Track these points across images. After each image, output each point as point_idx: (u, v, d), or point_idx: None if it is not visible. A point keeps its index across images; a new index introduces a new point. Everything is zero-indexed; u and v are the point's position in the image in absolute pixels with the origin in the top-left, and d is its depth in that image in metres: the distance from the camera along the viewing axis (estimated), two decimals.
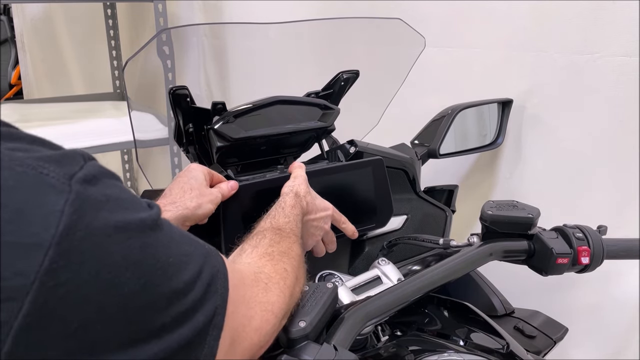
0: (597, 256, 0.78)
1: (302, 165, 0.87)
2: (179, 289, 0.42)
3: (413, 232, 1.02)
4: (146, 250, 0.40)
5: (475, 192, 1.38)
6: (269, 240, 0.65)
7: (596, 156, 1.13)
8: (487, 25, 1.25)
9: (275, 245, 0.64)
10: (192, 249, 0.46)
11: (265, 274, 0.57)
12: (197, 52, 2.10)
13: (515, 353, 0.74)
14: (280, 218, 0.72)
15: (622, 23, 1.02)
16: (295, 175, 0.84)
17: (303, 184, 0.81)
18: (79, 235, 0.36)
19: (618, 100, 1.07)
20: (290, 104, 0.92)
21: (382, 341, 0.79)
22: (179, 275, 0.43)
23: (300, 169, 0.86)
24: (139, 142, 1.01)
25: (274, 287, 0.56)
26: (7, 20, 3.30)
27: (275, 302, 0.55)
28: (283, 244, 0.65)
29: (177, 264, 0.43)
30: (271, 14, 1.41)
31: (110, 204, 0.39)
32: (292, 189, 0.80)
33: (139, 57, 0.91)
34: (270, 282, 0.56)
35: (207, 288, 0.45)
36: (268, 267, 0.59)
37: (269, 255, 0.61)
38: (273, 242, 0.64)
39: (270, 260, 0.61)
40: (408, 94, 1.16)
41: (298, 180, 0.82)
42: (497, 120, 1.26)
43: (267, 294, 0.54)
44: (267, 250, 0.62)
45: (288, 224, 0.71)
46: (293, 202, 0.77)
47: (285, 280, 0.58)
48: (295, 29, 1.16)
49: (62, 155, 0.40)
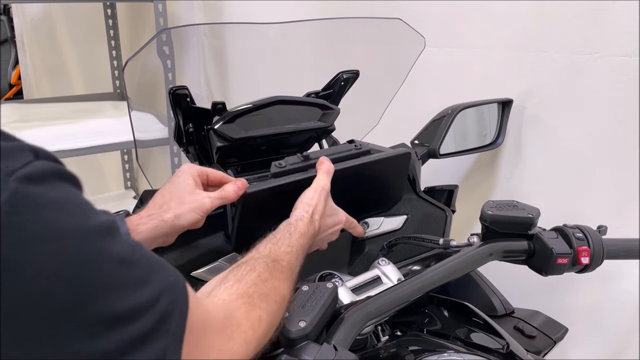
0: (597, 256, 0.78)
1: (330, 168, 0.81)
2: (121, 314, 0.38)
3: (413, 232, 1.02)
4: (86, 265, 0.36)
5: (475, 192, 1.38)
6: (256, 277, 0.59)
7: (596, 156, 1.13)
8: (487, 25, 1.25)
9: (260, 285, 0.58)
10: (149, 274, 0.41)
11: (235, 320, 0.52)
12: (197, 52, 2.10)
13: (515, 353, 0.74)
14: (283, 247, 0.67)
15: (622, 23, 1.02)
16: (318, 184, 0.78)
17: (322, 201, 0.76)
18: (9, 237, 0.32)
19: (618, 100, 1.07)
20: (290, 104, 0.92)
21: (382, 341, 0.80)
22: (124, 299, 0.38)
23: (327, 175, 0.79)
24: (139, 142, 1.01)
25: (240, 336, 0.51)
26: (7, 20, 3.29)
27: (237, 352, 0.50)
28: (270, 284, 0.59)
29: (123, 286, 0.39)
30: (271, 14, 1.41)
31: (52, 207, 0.36)
32: (308, 209, 0.74)
33: (139, 57, 0.91)
34: (237, 331, 0.51)
35: (158, 324, 0.40)
36: (242, 311, 0.54)
37: (248, 297, 0.55)
38: (259, 280, 0.59)
39: (247, 303, 0.55)
40: (408, 94, 1.16)
41: (318, 194, 0.77)
42: (497, 120, 1.26)
43: (229, 343, 0.50)
44: (249, 290, 0.57)
45: (288, 256, 0.66)
46: (305, 229, 0.72)
47: (255, 331, 0.53)
48: (295, 29, 1.16)
49: (11, 149, 0.36)
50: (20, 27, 2.92)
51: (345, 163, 0.85)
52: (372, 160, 0.87)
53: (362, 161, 0.86)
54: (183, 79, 2.06)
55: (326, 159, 0.82)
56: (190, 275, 0.83)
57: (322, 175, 0.79)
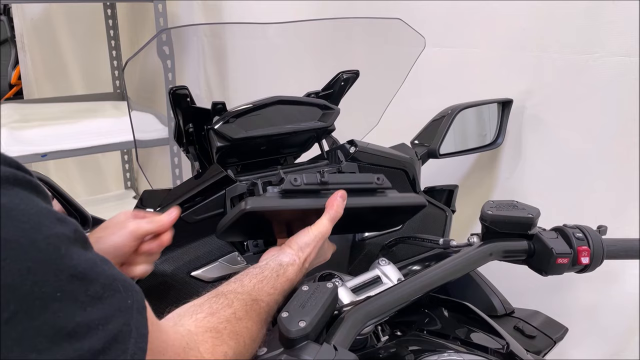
0: (597, 256, 0.78)
1: (338, 216, 0.75)
2: (68, 330, 0.37)
3: (413, 232, 1.02)
4: (28, 275, 0.35)
5: (475, 192, 1.38)
6: (231, 314, 0.58)
7: (596, 156, 1.13)
8: (487, 25, 1.25)
9: (233, 322, 0.57)
10: (105, 292, 0.40)
11: (198, 353, 0.51)
12: (197, 52, 2.10)
13: (515, 353, 0.74)
14: (267, 287, 0.65)
15: (622, 23, 1.02)
16: (319, 230, 0.74)
17: (316, 249, 0.74)
18: None
19: (618, 100, 1.07)
20: (290, 104, 0.92)
21: (382, 341, 0.80)
22: (71, 314, 0.37)
23: (331, 222, 0.74)
24: (139, 142, 1.01)
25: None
26: (7, 20, 3.29)
27: None
28: (243, 323, 0.58)
29: (71, 300, 0.37)
30: (271, 14, 1.41)
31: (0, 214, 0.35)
32: (302, 255, 0.72)
33: (139, 57, 0.91)
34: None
35: (111, 343, 0.39)
36: (207, 345, 0.53)
37: (218, 333, 0.55)
38: (233, 318, 0.58)
39: (215, 338, 0.54)
40: (408, 94, 1.16)
41: (316, 241, 0.73)
42: (497, 120, 1.26)
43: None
44: (219, 325, 0.56)
45: (269, 297, 0.65)
46: (293, 275, 0.70)
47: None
48: (295, 29, 1.16)
49: None
50: (21, 27, 2.92)
51: (362, 199, 0.80)
52: (388, 204, 0.83)
53: (378, 202, 0.82)
54: (183, 79, 2.06)
55: (340, 199, 0.75)
56: (191, 276, 0.83)
57: (326, 221, 0.74)
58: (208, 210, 0.83)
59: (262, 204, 0.74)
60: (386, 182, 0.82)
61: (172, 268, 0.82)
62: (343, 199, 0.75)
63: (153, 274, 0.81)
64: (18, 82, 3.36)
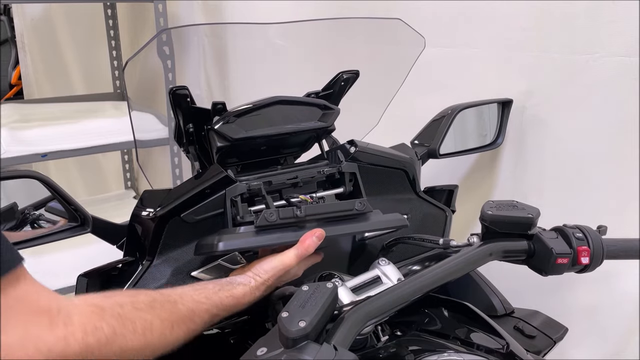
0: (597, 256, 0.78)
1: (306, 253, 0.77)
2: None
3: (413, 232, 1.02)
4: None
5: (475, 192, 1.38)
6: (128, 302, 0.61)
7: (596, 156, 1.13)
8: (487, 25, 1.25)
9: (127, 308, 0.59)
10: None
11: (67, 318, 0.52)
12: (197, 52, 2.10)
13: (515, 353, 0.74)
14: (197, 296, 0.69)
15: (622, 23, 1.02)
16: (283, 261, 0.76)
17: (276, 277, 0.76)
18: None
19: (618, 101, 1.07)
20: (290, 104, 0.92)
21: (382, 341, 0.79)
22: None
23: (297, 258, 0.76)
24: (139, 142, 1.01)
25: (63, 332, 0.51)
26: (7, 21, 3.29)
27: (51, 343, 0.50)
28: (142, 314, 0.61)
29: None
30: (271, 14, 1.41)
31: None
32: (258, 279, 0.75)
33: (139, 57, 0.91)
34: (62, 326, 0.51)
35: None
36: (82, 316, 0.54)
37: (101, 310, 0.56)
38: (129, 305, 0.60)
39: (95, 313, 0.56)
40: (408, 94, 1.16)
41: (278, 270, 0.76)
42: (496, 120, 1.27)
43: (45, 331, 0.50)
44: (107, 305, 0.58)
45: (195, 304, 0.68)
46: (240, 294, 0.73)
47: (85, 335, 0.53)
48: (295, 29, 1.16)
49: None
50: (21, 27, 2.92)
51: (342, 227, 0.81)
52: (367, 230, 0.87)
53: (357, 229, 0.84)
54: (183, 79, 2.06)
55: (315, 238, 0.77)
56: (191, 276, 0.83)
57: (293, 255, 0.76)
58: (208, 210, 0.83)
59: (234, 245, 0.77)
60: (367, 206, 0.83)
61: (172, 268, 0.82)
62: (319, 239, 0.77)
63: (152, 274, 0.81)
64: (18, 82, 3.36)
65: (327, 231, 0.79)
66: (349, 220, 0.82)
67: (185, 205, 0.82)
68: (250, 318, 0.87)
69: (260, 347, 0.60)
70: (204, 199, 0.83)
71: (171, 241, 0.82)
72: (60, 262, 1.67)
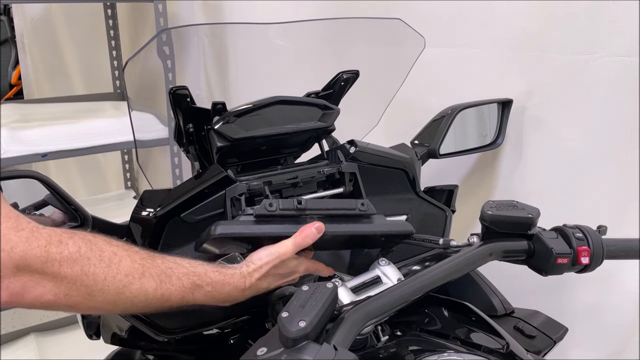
0: (597, 256, 0.78)
1: (303, 244, 0.75)
2: None
3: None
4: None
5: (475, 192, 1.38)
6: (126, 255, 0.61)
7: (596, 156, 1.13)
8: (487, 25, 1.25)
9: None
10: None
11: (35, 225, 0.54)
12: (197, 52, 2.10)
13: (515, 353, 0.74)
14: (186, 265, 0.68)
15: (622, 23, 1.02)
16: (279, 250, 0.75)
17: (270, 266, 0.74)
18: None
19: (618, 100, 1.07)
20: (291, 104, 0.92)
21: (382, 341, 0.80)
22: None
23: (295, 246, 0.75)
24: (139, 142, 1.01)
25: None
26: (7, 21, 3.29)
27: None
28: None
29: None
30: (271, 14, 1.41)
31: None
32: (251, 265, 0.74)
33: (139, 57, 0.91)
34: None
35: None
36: (54, 231, 0.56)
37: (33, 235, 0.55)
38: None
39: (68, 234, 0.57)
40: (408, 94, 1.16)
41: (272, 258, 0.74)
42: (497, 120, 1.27)
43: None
44: (95, 240, 0.60)
45: (176, 267, 0.66)
46: (229, 278, 0.71)
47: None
48: (295, 29, 1.16)
49: None
50: (21, 27, 2.92)
51: (343, 227, 0.80)
52: (370, 233, 0.82)
53: (360, 230, 0.81)
54: (183, 79, 2.07)
55: (314, 230, 0.75)
56: None
57: (290, 244, 0.75)
58: (208, 210, 0.83)
59: (231, 229, 0.75)
60: (370, 207, 0.81)
61: None
62: (318, 231, 0.75)
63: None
64: (18, 82, 3.36)
65: (328, 228, 0.77)
66: (351, 220, 0.81)
67: (185, 205, 0.82)
68: (250, 318, 0.87)
69: (260, 347, 0.60)
70: (204, 199, 0.83)
71: (171, 241, 0.82)
72: None
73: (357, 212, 0.80)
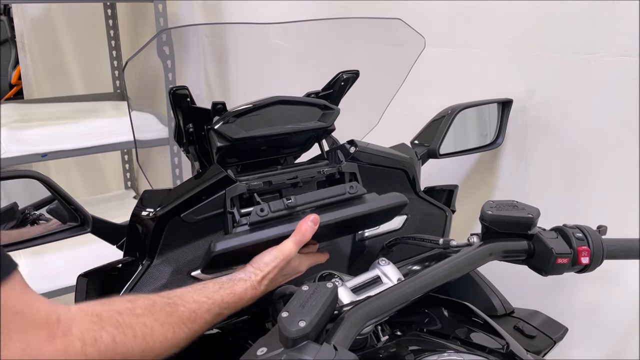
0: (597, 256, 0.78)
1: (304, 240, 0.77)
2: None
3: (413, 232, 1.02)
4: None
5: (475, 192, 1.38)
6: (127, 308, 0.60)
7: (596, 156, 1.13)
8: (487, 25, 1.25)
9: (125, 315, 0.59)
10: None
11: (66, 328, 0.53)
12: (197, 52, 2.10)
13: (515, 353, 0.74)
14: (197, 295, 0.69)
15: (622, 23, 1.02)
16: (282, 251, 0.76)
17: (277, 269, 0.75)
18: None
19: (618, 101, 1.07)
20: (291, 104, 0.92)
21: (382, 341, 0.80)
22: None
23: (296, 245, 0.76)
24: (139, 142, 1.01)
25: (62, 343, 0.52)
26: (7, 21, 3.29)
27: (50, 353, 0.50)
28: (142, 319, 0.61)
29: None
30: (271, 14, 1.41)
31: None
32: (259, 273, 0.74)
33: (139, 57, 0.91)
34: (61, 336, 0.52)
35: None
36: (82, 325, 0.54)
37: (98, 318, 0.56)
38: (127, 312, 0.60)
39: (94, 323, 0.56)
40: (408, 94, 1.16)
41: (278, 261, 0.75)
42: (497, 120, 1.27)
43: (45, 342, 0.50)
44: (105, 313, 0.58)
45: (195, 305, 0.67)
46: (241, 290, 0.73)
47: (84, 345, 0.53)
48: (295, 29, 1.16)
49: None
50: (21, 27, 2.92)
51: (338, 213, 0.81)
52: (366, 212, 0.83)
53: (355, 212, 0.82)
54: (183, 79, 2.06)
55: (311, 223, 0.77)
56: (191, 276, 0.83)
57: (291, 244, 0.76)
58: (208, 210, 0.83)
59: (230, 243, 0.76)
60: (360, 188, 0.82)
61: (172, 268, 0.82)
62: (314, 223, 0.77)
63: (152, 274, 0.81)
64: (18, 82, 3.36)
65: (323, 217, 0.78)
66: (344, 205, 0.82)
67: (185, 205, 0.82)
68: (250, 318, 0.87)
69: (260, 347, 0.60)
70: (204, 199, 0.83)
71: (171, 241, 0.82)
72: (60, 262, 1.67)
73: (347, 196, 0.82)
